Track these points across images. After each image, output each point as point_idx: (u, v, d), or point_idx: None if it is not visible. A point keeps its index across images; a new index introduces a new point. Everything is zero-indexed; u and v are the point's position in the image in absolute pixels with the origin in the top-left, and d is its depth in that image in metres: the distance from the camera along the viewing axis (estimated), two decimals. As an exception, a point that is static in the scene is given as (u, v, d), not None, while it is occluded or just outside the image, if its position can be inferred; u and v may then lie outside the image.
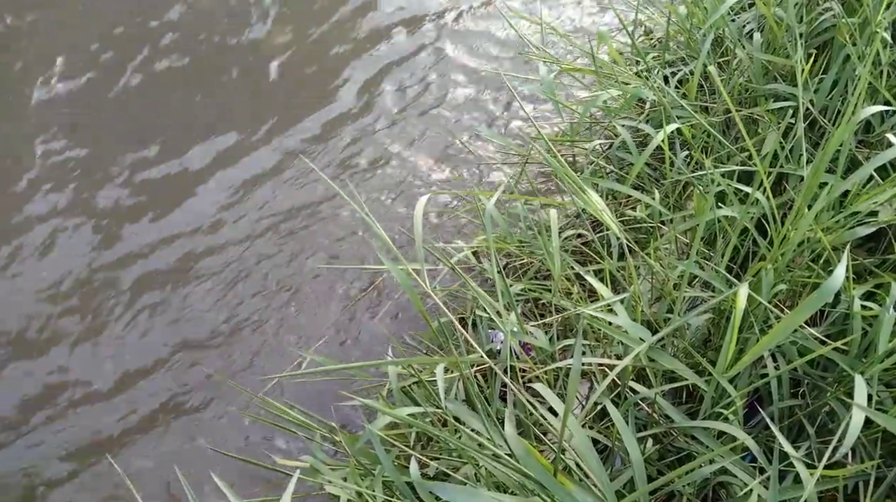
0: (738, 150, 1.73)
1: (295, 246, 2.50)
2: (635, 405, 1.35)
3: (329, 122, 2.84)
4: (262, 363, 2.24)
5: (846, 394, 1.24)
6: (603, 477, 1.01)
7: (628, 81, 1.97)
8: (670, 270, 1.49)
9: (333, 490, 1.31)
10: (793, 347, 1.32)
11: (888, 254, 1.53)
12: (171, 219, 2.59)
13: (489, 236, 1.32)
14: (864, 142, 1.71)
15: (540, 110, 2.78)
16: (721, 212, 1.46)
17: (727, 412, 1.20)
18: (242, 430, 2.09)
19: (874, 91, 1.62)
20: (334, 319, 2.31)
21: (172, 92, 2.96)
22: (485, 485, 1.17)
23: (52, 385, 2.21)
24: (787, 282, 1.38)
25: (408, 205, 2.56)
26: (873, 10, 1.63)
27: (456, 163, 2.68)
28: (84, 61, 3.03)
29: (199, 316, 2.34)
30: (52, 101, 2.92)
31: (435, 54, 3.04)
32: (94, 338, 2.31)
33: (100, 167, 2.73)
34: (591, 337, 1.54)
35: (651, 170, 1.93)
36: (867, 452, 1.23)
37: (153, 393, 2.18)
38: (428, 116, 2.83)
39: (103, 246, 2.53)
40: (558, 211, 2.01)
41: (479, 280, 2.08)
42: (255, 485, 1.92)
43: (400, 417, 1.15)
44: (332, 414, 1.94)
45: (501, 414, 1.35)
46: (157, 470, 2.03)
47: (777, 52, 1.83)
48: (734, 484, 1.22)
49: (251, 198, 2.63)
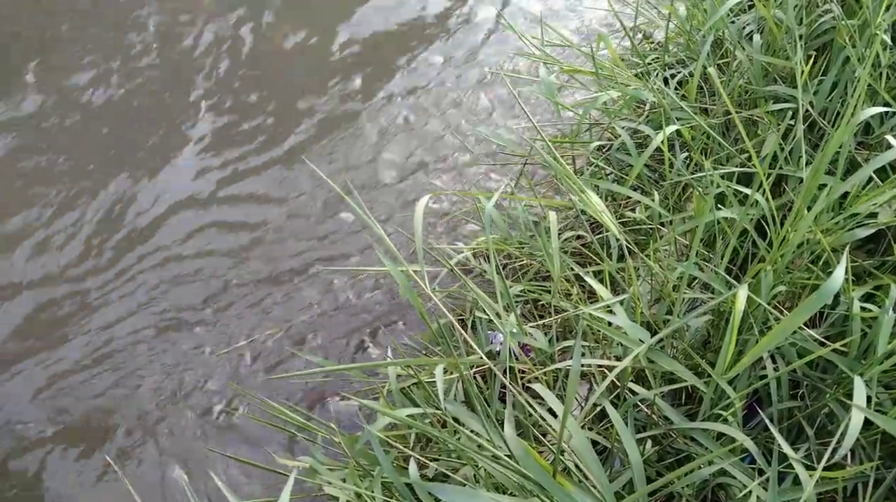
0: (738, 152, 1.73)
1: (294, 246, 2.50)
2: (634, 406, 1.35)
3: (328, 122, 2.84)
4: (260, 363, 2.24)
5: (845, 396, 1.24)
6: (602, 479, 1.01)
7: (628, 83, 1.97)
8: (670, 272, 1.49)
9: (332, 491, 1.30)
10: (792, 349, 1.32)
11: (887, 255, 1.53)
12: (164, 219, 2.60)
13: (488, 237, 1.32)
14: (864, 144, 1.71)
15: (540, 112, 2.78)
16: (720, 214, 1.46)
17: (726, 413, 1.20)
18: (241, 431, 2.09)
19: (874, 93, 1.62)
20: (334, 320, 2.31)
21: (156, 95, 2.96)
22: (484, 486, 1.17)
23: (55, 383, 2.22)
24: (786, 283, 1.38)
25: (408, 206, 2.56)
26: (873, 11, 1.63)
27: (456, 164, 2.68)
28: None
29: (197, 316, 2.35)
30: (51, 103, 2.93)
31: (435, 55, 3.04)
32: (92, 340, 2.31)
33: (101, 164, 2.74)
34: (590, 338, 1.54)
35: (650, 171, 1.93)
36: (866, 454, 1.23)
37: (152, 394, 2.18)
38: (428, 117, 2.83)
39: (101, 244, 2.53)
40: (558, 212, 2.01)
41: (478, 281, 2.08)
42: (253, 486, 1.92)
43: (399, 418, 1.15)
44: (331, 414, 1.94)
45: (501, 415, 1.35)
46: (156, 472, 2.02)
47: (777, 53, 1.83)
48: (733, 486, 1.22)
49: (250, 198, 2.64)
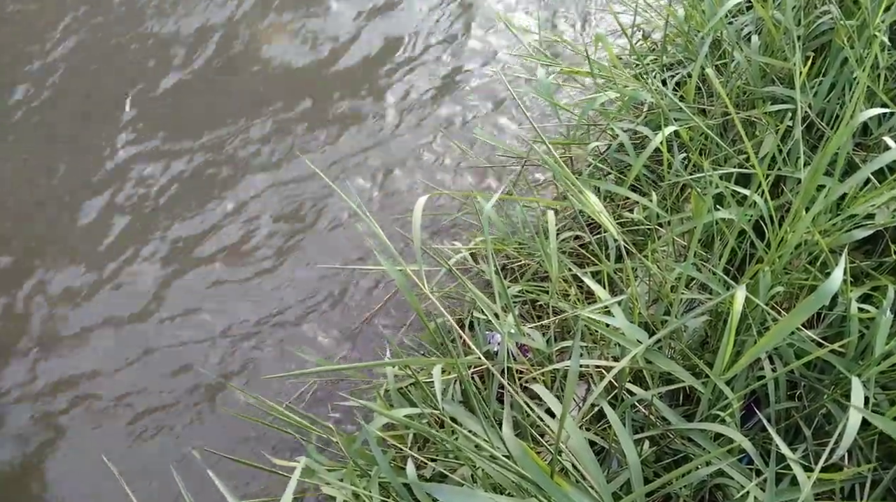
0: (736, 153, 1.73)
1: (292, 246, 2.49)
2: (632, 407, 1.35)
3: (327, 124, 2.84)
4: (258, 364, 2.23)
5: (843, 397, 1.24)
6: (600, 479, 1.01)
7: (626, 84, 1.97)
8: (668, 272, 1.49)
9: (330, 490, 1.30)
10: (790, 349, 1.32)
11: (885, 256, 1.53)
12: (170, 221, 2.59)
13: (487, 238, 1.32)
14: (862, 145, 1.71)
15: (538, 112, 2.78)
16: (719, 215, 1.46)
17: (724, 414, 1.20)
18: (239, 431, 2.09)
19: (872, 94, 1.62)
20: (332, 320, 2.31)
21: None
22: (482, 487, 1.17)
23: (58, 387, 2.22)
24: (784, 284, 1.38)
25: (406, 207, 2.56)
26: (871, 12, 1.63)
27: (454, 165, 2.68)
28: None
29: (196, 318, 2.34)
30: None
31: (436, 56, 3.04)
32: (93, 342, 2.31)
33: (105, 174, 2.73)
34: (588, 338, 1.54)
35: (649, 172, 1.93)
36: (864, 454, 1.23)
37: (151, 393, 2.18)
38: (427, 118, 2.83)
39: (114, 246, 2.53)
40: (556, 213, 2.01)
41: (476, 282, 2.08)
42: (251, 486, 1.92)
43: (397, 418, 1.15)
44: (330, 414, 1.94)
45: (499, 415, 1.34)
46: (152, 473, 2.02)
47: (775, 54, 1.83)
48: (731, 487, 1.22)
49: (248, 196, 2.63)
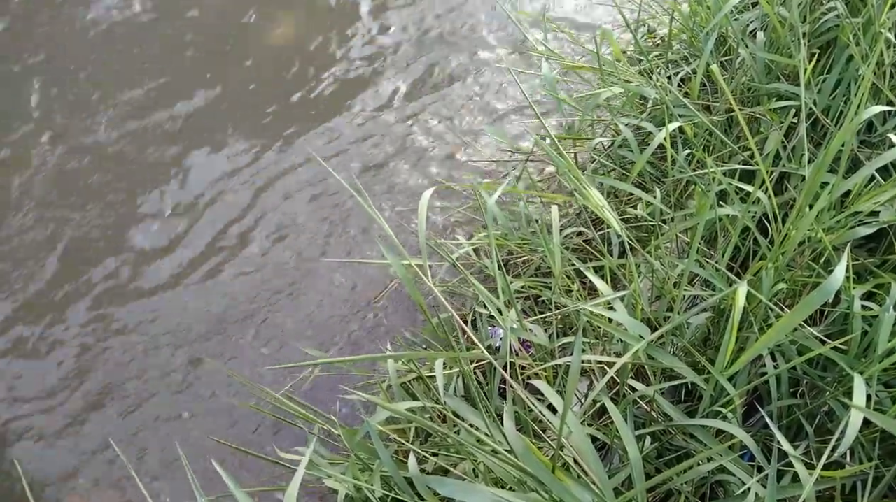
0: (740, 149, 1.73)
1: (296, 240, 2.50)
2: (634, 403, 1.35)
3: (331, 120, 2.84)
4: (261, 357, 2.24)
5: (845, 394, 1.24)
6: (601, 475, 1.01)
7: (631, 79, 1.96)
8: (671, 268, 1.49)
9: (332, 483, 1.31)
10: (792, 346, 1.32)
11: (889, 254, 1.53)
12: (178, 219, 2.60)
13: (490, 232, 1.32)
14: (866, 143, 1.71)
15: (542, 108, 2.77)
16: (722, 211, 1.45)
17: (726, 410, 1.20)
18: (242, 421, 2.09)
19: (877, 91, 1.62)
20: (335, 313, 2.31)
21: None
22: (483, 481, 1.18)
23: (59, 387, 2.23)
24: (787, 281, 1.38)
25: (411, 201, 2.56)
26: (877, 10, 1.63)
27: (459, 160, 2.68)
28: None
29: (199, 310, 2.35)
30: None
31: (438, 53, 3.04)
32: (94, 336, 2.32)
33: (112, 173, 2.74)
34: (590, 334, 1.54)
35: (653, 168, 1.93)
36: (865, 452, 1.23)
37: (152, 387, 2.19)
38: (430, 114, 2.83)
39: (119, 244, 2.54)
40: (560, 209, 2.01)
41: (479, 277, 2.08)
42: (253, 477, 1.93)
43: (399, 412, 1.15)
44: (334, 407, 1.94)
45: (500, 410, 1.35)
46: (158, 460, 2.03)
47: (780, 51, 1.83)
48: (732, 483, 1.22)
49: (252, 195, 2.64)
